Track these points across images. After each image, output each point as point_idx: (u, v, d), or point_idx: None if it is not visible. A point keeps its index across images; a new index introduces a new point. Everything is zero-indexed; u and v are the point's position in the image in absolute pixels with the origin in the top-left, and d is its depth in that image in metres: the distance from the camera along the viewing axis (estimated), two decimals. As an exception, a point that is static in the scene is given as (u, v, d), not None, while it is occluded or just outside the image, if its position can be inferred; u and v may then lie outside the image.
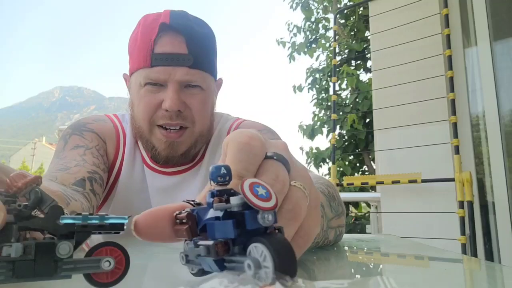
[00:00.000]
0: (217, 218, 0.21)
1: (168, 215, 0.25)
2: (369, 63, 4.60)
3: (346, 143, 4.73)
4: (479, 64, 1.96)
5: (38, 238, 0.23)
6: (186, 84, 0.71)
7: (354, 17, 4.99)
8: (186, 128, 0.72)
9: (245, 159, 0.26)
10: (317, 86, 5.32)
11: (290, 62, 5.70)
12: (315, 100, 5.35)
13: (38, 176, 0.23)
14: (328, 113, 4.82)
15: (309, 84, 5.41)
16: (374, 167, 3.84)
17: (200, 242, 0.22)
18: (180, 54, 0.69)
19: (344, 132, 4.67)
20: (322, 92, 5.33)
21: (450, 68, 1.88)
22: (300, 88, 5.46)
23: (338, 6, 4.93)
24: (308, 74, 5.46)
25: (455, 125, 1.80)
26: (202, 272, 0.24)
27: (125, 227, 0.24)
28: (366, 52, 4.46)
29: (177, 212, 0.25)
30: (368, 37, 3.01)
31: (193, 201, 0.26)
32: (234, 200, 0.20)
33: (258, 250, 0.19)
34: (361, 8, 4.51)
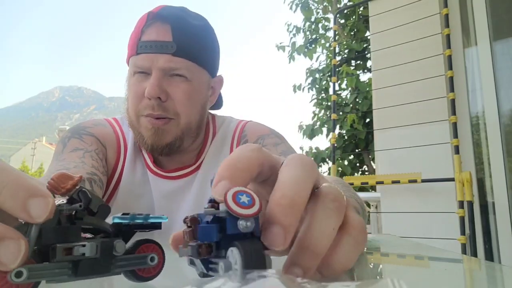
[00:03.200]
0: (207, 222, 0.23)
1: None
2: (369, 63, 4.60)
3: (346, 143, 4.73)
4: (479, 64, 1.96)
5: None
6: (171, 73, 0.70)
7: (354, 17, 4.99)
8: (170, 119, 0.71)
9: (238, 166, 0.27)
10: (317, 86, 5.33)
11: (289, 62, 5.71)
12: (315, 100, 5.36)
13: (81, 176, 0.24)
14: (328, 113, 4.82)
15: (309, 84, 5.42)
16: (374, 167, 3.84)
17: (190, 244, 0.23)
18: (164, 41, 0.69)
19: (344, 132, 4.67)
20: (322, 92, 5.34)
21: (450, 68, 1.88)
22: (300, 88, 5.47)
23: (338, 6, 4.93)
24: (308, 74, 5.47)
25: (455, 125, 1.80)
26: (205, 274, 0.24)
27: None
28: (366, 52, 4.46)
29: (186, 216, 0.26)
30: (368, 37, 3.01)
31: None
32: (222, 207, 0.22)
33: (233, 253, 0.21)
34: (361, 8, 4.52)
